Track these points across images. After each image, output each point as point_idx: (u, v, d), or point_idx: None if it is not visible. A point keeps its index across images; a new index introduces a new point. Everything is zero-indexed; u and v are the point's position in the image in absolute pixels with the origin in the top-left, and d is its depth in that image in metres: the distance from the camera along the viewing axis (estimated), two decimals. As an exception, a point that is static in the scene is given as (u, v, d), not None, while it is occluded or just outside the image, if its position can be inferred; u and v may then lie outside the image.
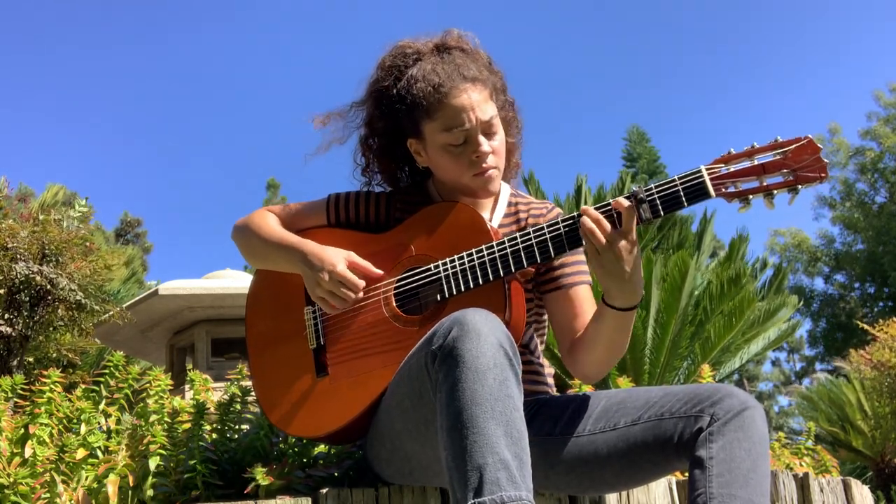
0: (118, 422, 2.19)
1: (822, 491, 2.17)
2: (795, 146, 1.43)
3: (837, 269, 28.94)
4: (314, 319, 1.73)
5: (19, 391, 2.30)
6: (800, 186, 1.42)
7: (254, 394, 1.85)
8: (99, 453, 1.93)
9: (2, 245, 5.48)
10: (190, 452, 1.81)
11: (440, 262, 1.61)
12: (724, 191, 1.45)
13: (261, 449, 1.87)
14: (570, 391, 2.07)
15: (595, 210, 1.50)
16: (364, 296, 1.68)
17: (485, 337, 1.31)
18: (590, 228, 1.48)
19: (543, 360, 1.81)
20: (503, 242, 1.57)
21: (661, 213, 1.46)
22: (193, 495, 1.77)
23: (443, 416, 1.30)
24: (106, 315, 6.01)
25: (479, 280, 1.56)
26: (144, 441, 1.85)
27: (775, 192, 1.43)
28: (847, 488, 2.29)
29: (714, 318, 7.95)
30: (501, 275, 1.55)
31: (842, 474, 2.63)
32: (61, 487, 1.78)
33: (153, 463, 1.77)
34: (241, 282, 6.45)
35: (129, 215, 25.96)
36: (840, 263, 28.47)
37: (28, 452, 1.90)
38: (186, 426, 1.97)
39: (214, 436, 1.95)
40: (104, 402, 2.28)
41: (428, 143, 1.70)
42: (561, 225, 1.55)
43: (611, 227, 1.48)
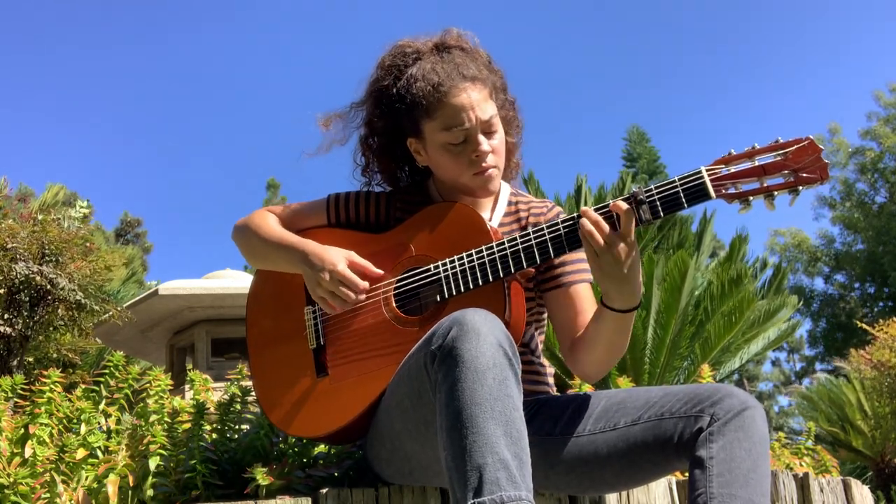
0: (118, 422, 2.19)
1: (822, 491, 2.17)
2: (796, 147, 1.42)
3: (837, 269, 28.94)
4: (314, 319, 1.73)
5: (19, 391, 2.30)
6: (800, 188, 1.41)
7: (254, 394, 1.85)
8: (99, 453, 1.93)
9: (2, 245, 5.48)
10: (190, 452, 1.81)
11: (440, 263, 1.61)
12: (725, 192, 1.45)
13: (261, 449, 1.87)
14: (570, 391, 2.07)
15: (594, 211, 1.50)
16: (364, 296, 1.68)
17: (484, 337, 1.31)
18: (589, 230, 1.48)
19: (544, 360, 1.81)
20: (503, 243, 1.57)
21: (661, 214, 1.46)
22: (193, 495, 1.77)
23: (442, 416, 1.30)
24: (106, 315, 6.01)
25: (479, 280, 1.56)
26: (144, 441, 1.85)
27: (776, 193, 1.43)
28: (847, 488, 2.29)
29: (714, 318, 7.94)
30: (501, 275, 1.55)
31: (842, 474, 2.63)
32: (61, 487, 1.78)
33: (153, 463, 1.77)
34: (241, 282, 6.45)
35: (129, 215, 25.96)
36: (840, 263, 28.47)
37: (28, 452, 1.90)
38: (186, 426, 1.97)
39: (214, 436, 1.95)
40: (104, 402, 2.28)
41: (427, 142, 1.70)
42: (561, 226, 1.54)
43: (610, 229, 1.47)
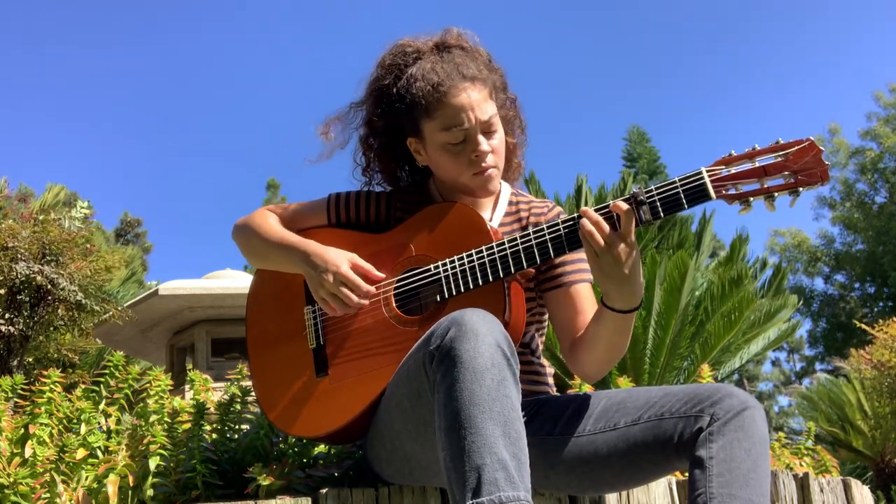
0: (118, 422, 2.19)
1: (822, 491, 2.17)
2: (797, 148, 1.42)
3: (837, 269, 28.94)
4: (314, 319, 1.73)
5: (19, 391, 2.30)
6: (801, 189, 1.41)
7: (254, 394, 1.85)
8: (99, 453, 1.93)
9: (2, 245, 5.48)
10: (190, 452, 1.81)
11: (440, 263, 1.61)
12: (725, 193, 1.45)
13: (261, 449, 1.87)
14: (570, 391, 2.07)
15: (594, 212, 1.49)
16: (368, 301, 1.67)
17: (482, 337, 1.31)
18: (589, 231, 1.48)
19: (544, 361, 1.81)
20: (503, 243, 1.56)
21: (661, 215, 1.46)
22: (193, 495, 1.77)
23: (441, 416, 1.30)
24: (106, 315, 6.02)
25: (479, 281, 1.56)
26: (144, 441, 1.85)
27: (776, 194, 1.43)
28: (847, 488, 2.28)
29: (714, 319, 7.94)
30: (501, 276, 1.55)
31: (842, 474, 2.63)
32: (61, 487, 1.78)
33: (153, 463, 1.77)
34: (241, 282, 6.45)
35: (129, 215, 25.96)
36: (840, 263, 28.47)
37: (28, 452, 1.90)
38: (186, 426, 1.97)
39: (214, 436, 1.95)
40: (104, 402, 2.28)
41: (427, 142, 1.70)
42: (561, 226, 1.54)
43: (610, 230, 1.47)
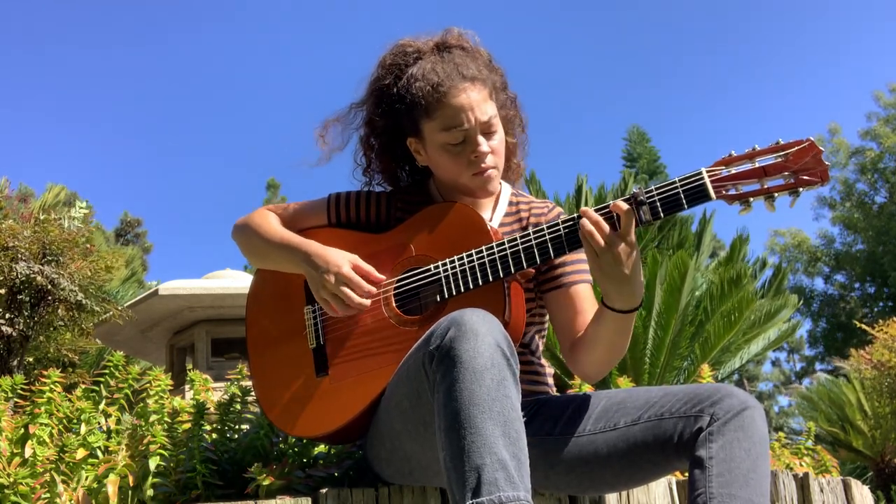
0: (118, 422, 2.19)
1: (822, 491, 2.17)
2: (797, 149, 1.42)
3: (837, 269, 28.94)
4: (314, 319, 1.73)
5: (19, 391, 2.30)
6: (801, 189, 1.41)
7: (254, 394, 1.85)
8: (99, 453, 1.93)
9: (2, 245, 5.48)
10: (190, 452, 1.81)
11: (440, 263, 1.61)
12: (725, 193, 1.45)
13: (261, 449, 1.87)
14: (570, 391, 2.07)
15: (594, 212, 1.49)
16: (370, 302, 1.67)
17: (482, 337, 1.31)
18: (589, 231, 1.48)
19: (543, 361, 1.81)
20: (503, 243, 1.56)
21: (661, 215, 1.46)
22: (193, 495, 1.77)
23: (441, 416, 1.30)
24: (106, 315, 6.01)
25: (479, 281, 1.56)
26: (144, 441, 1.85)
27: (776, 194, 1.43)
28: (847, 488, 2.28)
29: (714, 319, 7.94)
30: (501, 276, 1.55)
31: (842, 474, 2.62)
32: (61, 487, 1.78)
33: (153, 463, 1.77)
34: (241, 282, 6.45)
35: (129, 215, 25.97)
36: (840, 263, 28.46)
37: (28, 452, 1.90)
38: (186, 426, 1.97)
39: (214, 436, 1.95)
40: (104, 402, 2.28)
41: (427, 142, 1.70)
42: (561, 226, 1.54)
43: (610, 230, 1.47)
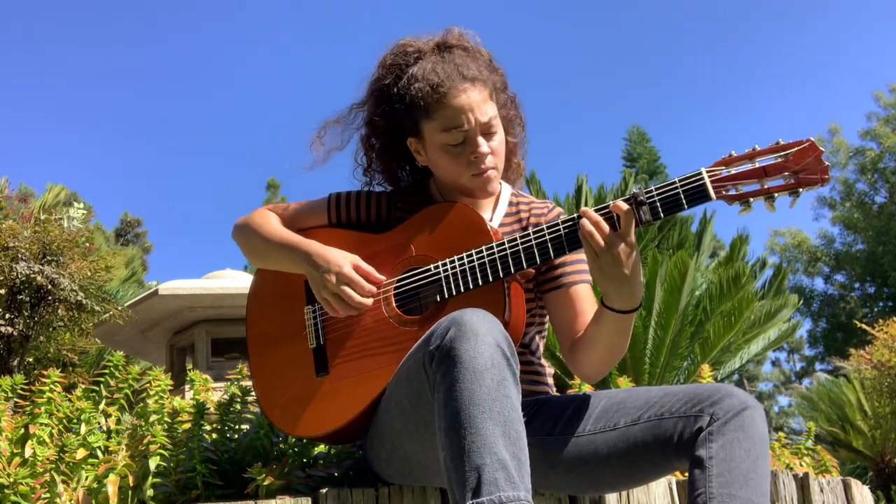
0: (118, 422, 2.19)
1: (822, 491, 2.17)
2: (797, 149, 1.42)
3: (837, 269, 28.94)
4: (314, 319, 1.73)
5: (19, 391, 2.30)
6: (801, 189, 1.41)
7: (254, 394, 1.85)
8: (99, 453, 1.93)
9: (2, 245, 5.48)
10: (190, 452, 1.81)
11: (440, 263, 1.61)
12: (725, 193, 1.44)
13: (261, 449, 1.87)
14: (570, 391, 2.07)
15: (594, 212, 1.49)
16: (372, 301, 1.67)
17: (482, 337, 1.31)
18: (588, 231, 1.48)
19: (544, 361, 1.81)
20: (503, 243, 1.56)
21: (661, 215, 1.46)
22: (193, 495, 1.77)
23: (441, 416, 1.30)
24: (106, 315, 6.01)
25: (479, 281, 1.56)
26: (144, 441, 1.85)
27: (776, 194, 1.43)
28: (847, 488, 2.28)
29: (714, 319, 7.95)
30: (501, 276, 1.55)
31: (842, 474, 2.62)
32: (61, 487, 1.78)
33: (153, 463, 1.77)
34: (241, 282, 6.45)
35: (129, 215, 25.97)
36: (840, 263, 28.47)
37: (28, 452, 1.90)
38: (186, 426, 1.97)
39: (214, 436, 1.95)
40: (104, 402, 2.28)
41: (427, 142, 1.70)
42: (561, 226, 1.54)
43: (609, 230, 1.47)
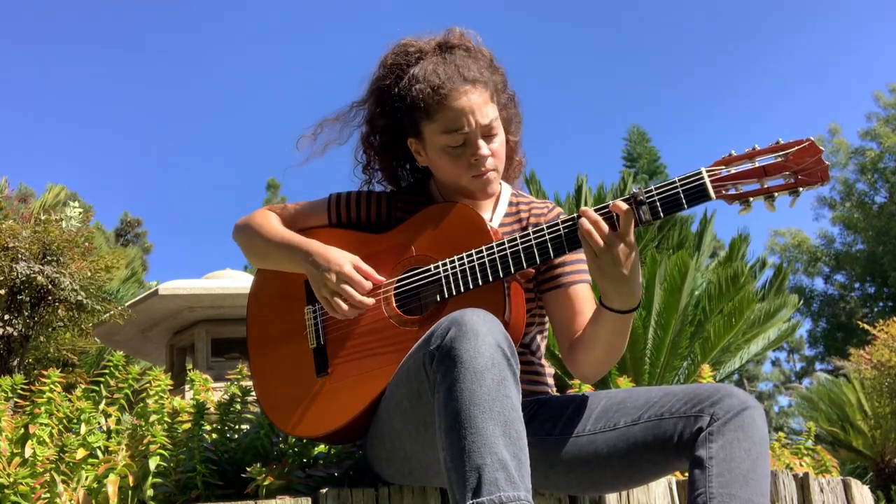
0: (118, 422, 2.18)
1: (822, 491, 2.17)
2: (797, 148, 1.42)
3: (837, 269, 28.95)
4: (314, 319, 1.73)
5: (19, 391, 2.30)
6: (801, 189, 1.41)
7: (254, 394, 1.85)
8: (99, 453, 1.93)
9: (2, 245, 5.48)
10: (190, 452, 1.81)
11: (440, 263, 1.61)
12: (725, 193, 1.44)
13: (261, 449, 1.87)
14: (570, 391, 2.07)
15: (594, 212, 1.49)
16: (373, 300, 1.67)
17: (482, 337, 1.31)
18: (588, 230, 1.48)
19: (544, 361, 1.81)
20: (503, 243, 1.56)
21: (661, 215, 1.46)
22: (193, 495, 1.77)
23: (441, 416, 1.30)
24: (106, 315, 6.01)
25: (479, 281, 1.56)
26: (144, 441, 1.85)
27: (776, 194, 1.43)
28: (847, 488, 2.28)
29: (714, 319, 7.95)
30: (501, 276, 1.55)
31: (842, 474, 2.62)
32: (61, 487, 1.78)
33: (153, 463, 1.77)
34: (241, 282, 6.45)
35: (129, 215, 25.96)
36: (840, 263, 28.48)
37: (28, 452, 1.90)
38: (186, 426, 1.97)
39: (214, 436, 1.95)
40: (104, 402, 2.28)
41: (427, 143, 1.70)
42: (560, 226, 1.54)
43: (609, 230, 1.47)
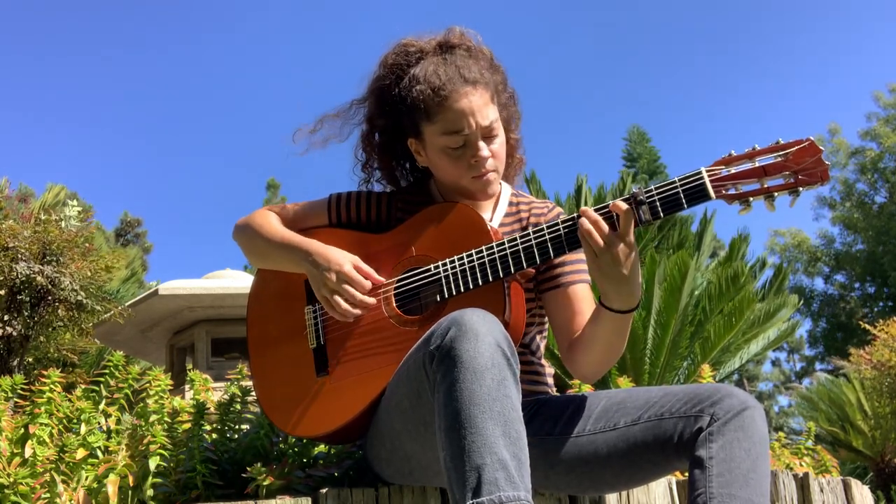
0: (118, 422, 2.19)
1: (822, 491, 2.17)
2: (797, 148, 1.42)
3: (837, 269, 28.95)
4: (314, 319, 1.73)
5: (19, 391, 2.30)
6: (801, 189, 1.41)
7: (254, 394, 1.85)
8: (99, 453, 1.93)
9: (2, 245, 5.47)
10: (190, 452, 1.81)
11: (440, 263, 1.61)
12: (725, 193, 1.44)
13: (261, 449, 1.87)
14: (570, 391, 2.07)
15: (594, 212, 1.49)
16: (373, 300, 1.67)
17: (482, 337, 1.31)
18: (587, 230, 1.47)
19: (544, 361, 1.81)
20: (503, 243, 1.56)
21: (661, 215, 1.46)
22: (193, 495, 1.77)
23: (441, 416, 1.30)
24: (106, 315, 6.01)
25: (479, 281, 1.56)
26: (144, 441, 1.85)
27: (776, 194, 1.43)
28: (847, 488, 2.28)
29: (714, 319, 7.95)
30: (501, 276, 1.55)
31: (842, 474, 2.62)
32: (61, 487, 1.78)
33: (153, 463, 1.77)
34: (241, 282, 6.45)
35: (129, 215, 25.95)
36: (840, 263, 28.48)
37: (28, 452, 1.90)
38: (186, 426, 1.97)
39: (214, 436, 1.95)
40: (104, 402, 2.28)
41: (427, 144, 1.70)
42: (560, 226, 1.54)
43: (609, 230, 1.47)
